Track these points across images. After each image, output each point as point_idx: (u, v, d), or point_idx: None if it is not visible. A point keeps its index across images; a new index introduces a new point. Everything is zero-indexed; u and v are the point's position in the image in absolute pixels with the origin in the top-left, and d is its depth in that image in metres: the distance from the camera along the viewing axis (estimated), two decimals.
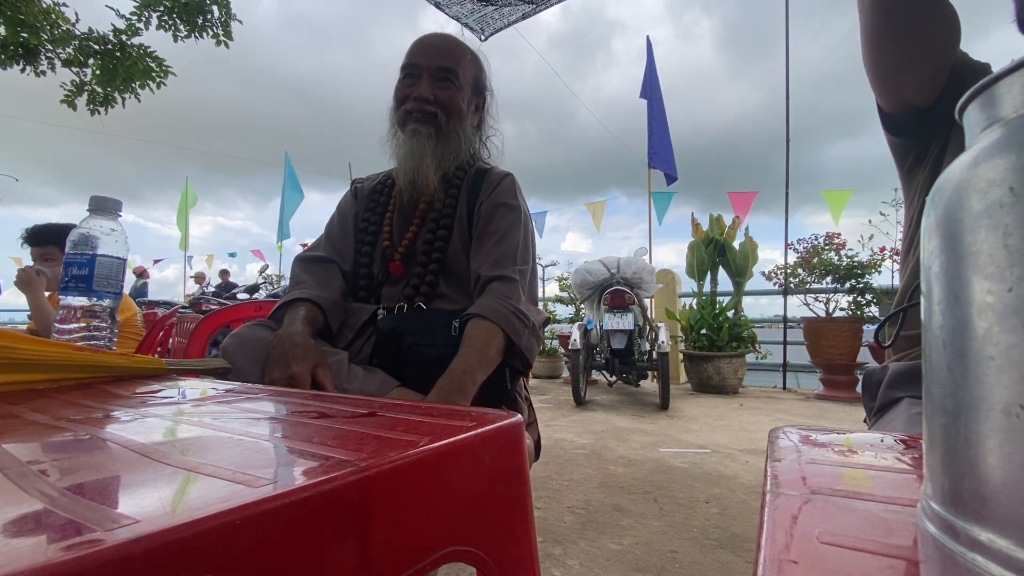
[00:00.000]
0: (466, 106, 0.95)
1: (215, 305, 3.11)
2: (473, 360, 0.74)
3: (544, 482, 1.82)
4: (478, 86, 1.00)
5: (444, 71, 0.92)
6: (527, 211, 0.96)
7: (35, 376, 0.53)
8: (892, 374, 0.73)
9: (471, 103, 0.98)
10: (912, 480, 0.29)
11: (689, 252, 5.39)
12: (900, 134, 0.76)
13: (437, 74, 0.92)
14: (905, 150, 0.77)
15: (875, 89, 0.74)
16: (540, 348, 4.88)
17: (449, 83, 0.93)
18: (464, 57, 0.95)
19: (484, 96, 1.02)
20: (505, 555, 0.33)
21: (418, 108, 0.91)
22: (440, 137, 0.93)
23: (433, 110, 0.92)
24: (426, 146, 0.91)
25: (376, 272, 0.96)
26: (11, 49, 3.31)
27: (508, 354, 0.81)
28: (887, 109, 0.75)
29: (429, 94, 0.91)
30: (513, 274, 0.85)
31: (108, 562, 0.16)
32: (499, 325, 0.78)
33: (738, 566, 1.20)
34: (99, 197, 0.73)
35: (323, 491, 0.23)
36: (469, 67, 0.96)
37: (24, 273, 1.81)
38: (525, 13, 3.13)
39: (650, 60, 5.51)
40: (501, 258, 0.87)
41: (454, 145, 0.94)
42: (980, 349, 0.14)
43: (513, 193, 0.94)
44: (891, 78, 0.71)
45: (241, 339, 0.79)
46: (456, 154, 0.95)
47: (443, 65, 0.92)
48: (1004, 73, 0.16)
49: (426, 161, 0.92)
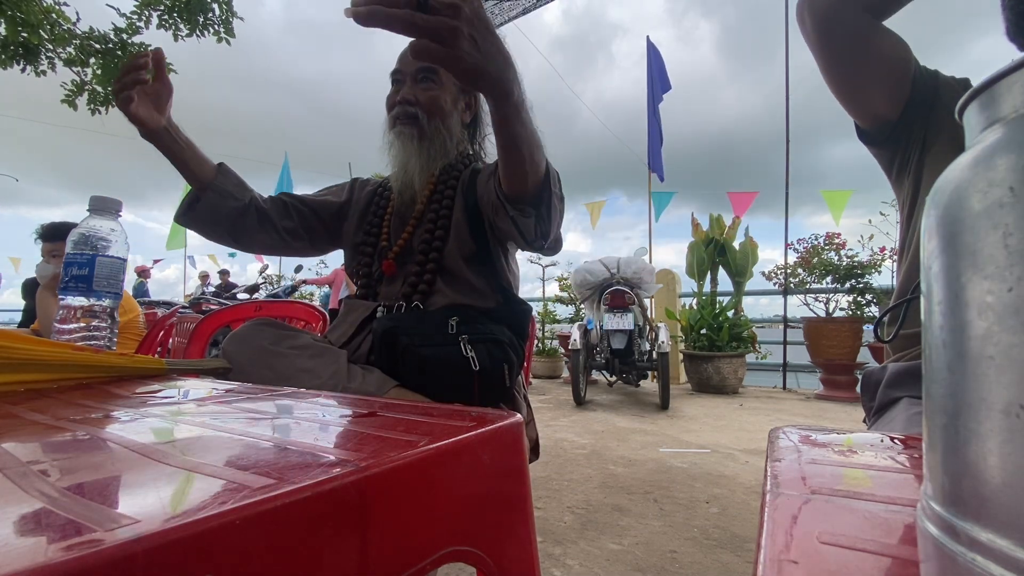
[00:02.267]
0: (451, 104, 0.96)
1: (215, 305, 3.12)
2: (535, 129, 0.69)
3: (544, 482, 1.82)
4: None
5: (424, 71, 0.93)
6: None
7: (35, 376, 0.53)
8: (891, 374, 0.73)
9: (458, 101, 0.98)
10: (912, 480, 0.29)
11: (689, 252, 5.39)
12: (879, 145, 0.80)
13: (417, 75, 0.94)
14: (888, 160, 0.80)
15: (848, 110, 0.79)
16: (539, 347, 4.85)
17: (430, 83, 0.94)
18: None
19: (475, 95, 1.02)
20: (505, 555, 0.34)
21: (400, 111, 0.93)
22: (424, 138, 0.94)
23: (413, 111, 0.93)
24: (410, 147, 0.93)
25: (374, 271, 0.97)
26: (11, 49, 3.31)
27: (533, 193, 0.76)
28: (863, 125, 0.79)
29: (410, 95, 0.93)
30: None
31: (108, 562, 0.16)
32: (547, 161, 0.75)
33: (738, 566, 1.20)
34: (99, 197, 0.74)
35: (323, 491, 0.23)
36: None
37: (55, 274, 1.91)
38: (525, 8, 3.13)
39: (650, 60, 5.52)
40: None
41: (439, 145, 0.95)
42: (980, 349, 0.14)
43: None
44: (855, 98, 0.76)
45: (241, 339, 0.79)
46: (443, 153, 0.96)
47: (422, 66, 0.93)
48: (1004, 73, 0.16)
49: (411, 162, 0.94)
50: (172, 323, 2.15)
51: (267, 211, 1.00)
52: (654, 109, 5.52)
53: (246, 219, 0.97)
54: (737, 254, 5.25)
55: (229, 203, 0.94)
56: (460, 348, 0.78)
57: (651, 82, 5.53)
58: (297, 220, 1.03)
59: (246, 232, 0.98)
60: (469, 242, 0.92)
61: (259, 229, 0.99)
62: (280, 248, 1.04)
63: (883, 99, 0.74)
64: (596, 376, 4.34)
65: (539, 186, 0.76)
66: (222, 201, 0.94)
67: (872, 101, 0.75)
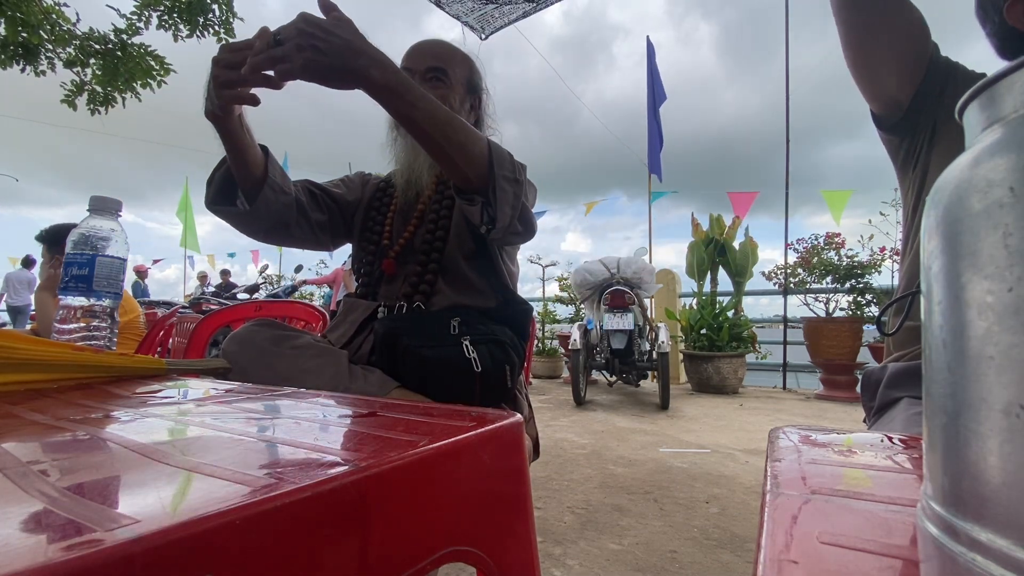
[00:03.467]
0: (459, 104, 0.96)
1: (215, 305, 3.12)
2: (437, 109, 0.70)
3: (544, 482, 1.82)
4: (471, 86, 1.00)
5: (433, 71, 0.93)
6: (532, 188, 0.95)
7: (35, 376, 0.53)
8: (891, 374, 0.73)
9: (464, 102, 0.98)
10: (912, 480, 0.29)
11: (689, 252, 5.39)
12: (889, 130, 0.81)
13: (427, 75, 0.93)
14: (896, 145, 0.82)
15: (861, 88, 0.80)
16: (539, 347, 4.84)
17: (439, 82, 0.93)
18: (454, 57, 0.96)
19: (479, 96, 1.02)
20: (505, 555, 0.33)
21: None
22: None
23: None
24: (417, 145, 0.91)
25: (375, 270, 0.97)
26: (11, 49, 3.31)
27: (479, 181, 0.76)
28: (876, 109, 0.80)
29: None
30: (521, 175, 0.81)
31: (108, 562, 0.16)
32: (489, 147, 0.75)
33: (738, 566, 1.20)
34: (99, 197, 0.73)
35: (323, 491, 0.23)
36: (460, 67, 0.97)
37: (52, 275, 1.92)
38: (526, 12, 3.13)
39: (650, 60, 5.52)
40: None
41: None
42: (980, 349, 0.14)
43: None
44: (872, 73, 0.77)
45: (241, 341, 0.79)
46: None
47: (432, 65, 0.93)
48: (1004, 73, 0.16)
49: (419, 159, 0.93)
50: (172, 323, 2.15)
51: (304, 204, 0.93)
52: (654, 110, 5.52)
53: (290, 213, 0.89)
54: (737, 254, 5.25)
55: (281, 199, 0.86)
56: (462, 349, 0.78)
57: (651, 82, 5.52)
58: (327, 213, 0.99)
59: (287, 228, 0.91)
60: (469, 241, 0.92)
61: (296, 224, 0.92)
62: (308, 242, 0.98)
63: (896, 78, 0.74)
64: (596, 376, 4.34)
65: (483, 172, 0.75)
66: (276, 196, 0.85)
67: (885, 79, 0.75)
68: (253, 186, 0.82)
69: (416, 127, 0.70)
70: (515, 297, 0.96)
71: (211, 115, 0.73)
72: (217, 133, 0.75)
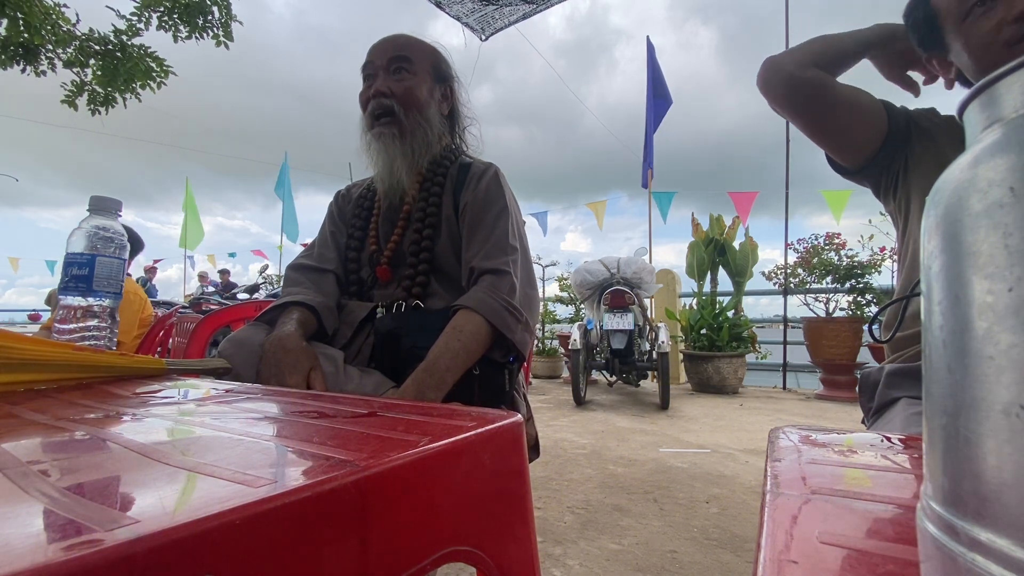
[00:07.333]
0: (427, 95, 0.94)
1: (215, 305, 3.11)
2: (459, 357, 0.74)
3: (544, 482, 1.82)
4: (439, 74, 0.97)
5: (396, 60, 0.91)
6: (512, 199, 0.95)
7: (35, 376, 0.53)
8: (889, 375, 0.74)
9: (434, 91, 0.96)
10: (912, 480, 0.29)
11: (689, 252, 5.39)
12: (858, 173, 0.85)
13: (390, 66, 0.91)
14: (875, 183, 0.85)
15: (837, 157, 0.84)
16: (539, 347, 4.85)
17: (404, 72, 0.91)
18: (417, 47, 0.94)
19: (450, 85, 1.00)
20: (505, 555, 0.33)
21: (376, 105, 0.90)
22: (405, 134, 0.91)
23: (389, 103, 0.90)
24: (393, 147, 0.91)
25: (365, 277, 0.96)
26: (11, 49, 3.31)
27: (499, 348, 0.81)
28: (850, 166, 0.84)
29: (384, 87, 0.90)
30: (505, 266, 0.84)
31: (108, 562, 0.16)
32: (488, 320, 0.78)
33: (738, 566, 1.20)
34: (99, 197, 0.73)
35: (323, 491, 0.23)
36: (424, 56, 0.95)
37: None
38: (526, 13, 3.13)
39: (650, 61, 5.51)
40: (492, 250, 0.85)
41: (421, 139, 0.93)
42: (980, 349, 0.14)
43: (497, 184, 0.92)
44: (842, 143, 0.82)
45: (237, 343, 0.79)
46: (427, 148, 0.94)
47: (394, 55, 0.91)
48: (1004, 73, 0.16)
49: (397, 162, 0.91)
50: (172, 323, 2.15)
51: (340, 277, 0.98)
52: (654, 110, 5.50)
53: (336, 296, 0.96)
54: (737, 254, 5.25)
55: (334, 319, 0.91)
56: None
57: (651, 82, 5.51)
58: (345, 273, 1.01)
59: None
60: (459, 238, 0.91)
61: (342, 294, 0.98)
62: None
63: (865, 136, 0.79)
64: (596, 376, 4.34)
65: (500, 337, 0.80)
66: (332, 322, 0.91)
67: (856, 142, 0.80)
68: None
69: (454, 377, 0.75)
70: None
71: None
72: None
